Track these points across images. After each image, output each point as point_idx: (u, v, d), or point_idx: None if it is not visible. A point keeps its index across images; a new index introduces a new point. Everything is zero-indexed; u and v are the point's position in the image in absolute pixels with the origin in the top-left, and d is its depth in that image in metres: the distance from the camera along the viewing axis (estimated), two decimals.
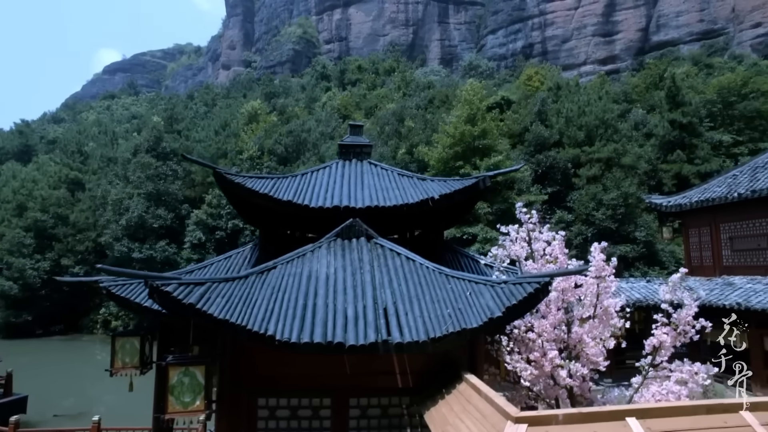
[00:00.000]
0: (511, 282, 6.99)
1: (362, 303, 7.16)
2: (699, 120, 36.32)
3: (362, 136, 12.86)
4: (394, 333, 6.49)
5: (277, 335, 6.26)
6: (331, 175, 11.31)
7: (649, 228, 32.85)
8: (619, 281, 21.55)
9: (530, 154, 38.19)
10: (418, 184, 10.63)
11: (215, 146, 47.08)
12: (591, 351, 6.72)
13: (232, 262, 11.25)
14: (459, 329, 6.40)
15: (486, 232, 29.94)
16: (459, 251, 11.80)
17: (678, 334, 6.69)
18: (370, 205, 9.56)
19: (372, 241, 9.05)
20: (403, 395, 7.32)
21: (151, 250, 38.62)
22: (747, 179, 19.46)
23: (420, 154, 35.42)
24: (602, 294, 7.10)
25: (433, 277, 7.84)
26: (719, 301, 18.02)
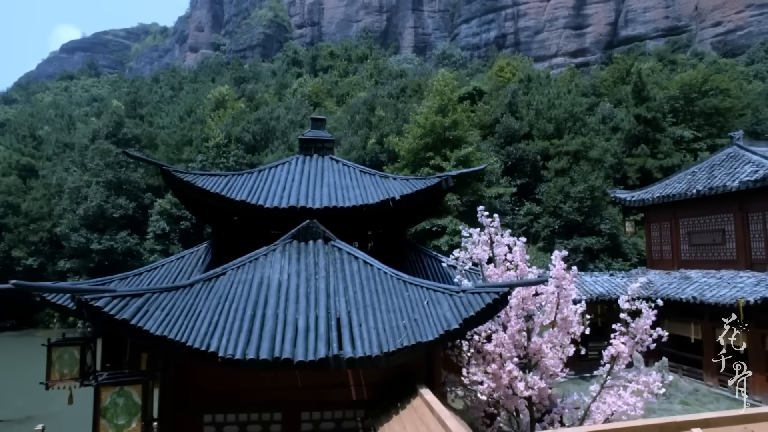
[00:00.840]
0: (469, 291, 6.76)
1: (315, 313, 6.80)
2: (662, 115, 37.19)
3: (324, 130, 12.37)
4: (346, 347, 6.17)
5: (220, 351, 5.84)
6: (290, 171, 10.82)
7: (613, 220, 33.58)
8: (583, 275, 22.04)
9: (500, 146, 38.34)
10: (380, 183, 10.27)
11: (180, 133, 45.30)
12: (550, 362, 6.58)
13: (185, 264, 10.66)
14: (414, 342, 6.13)
15: (455, 224, 29.88)
16: (422, 251, 11.56)
17: (636, 343, 6.62)
18: (329, 205, 9.16)
19: (329, 243, 8.67)
20: (357, 408, 7.04)
21: (112, 241, 37.05)
22: (705, 176, 19.96)
23: (390, 144, 35.00)
24: (562, 302, 6.96)
25: (391, 284, 7.54)
26: (677, 295, 18.52)
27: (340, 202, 9.35)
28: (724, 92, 38.56)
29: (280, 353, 5.96)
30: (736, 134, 20.56)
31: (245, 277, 7.55)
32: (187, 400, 6.68)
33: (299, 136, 12.17)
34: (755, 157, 18.23)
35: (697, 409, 15.66)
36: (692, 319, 18.36)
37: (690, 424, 4.89)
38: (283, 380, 6.70)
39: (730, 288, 16.99)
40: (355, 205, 9.16)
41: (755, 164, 17.75)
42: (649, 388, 6.41)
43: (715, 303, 16.64)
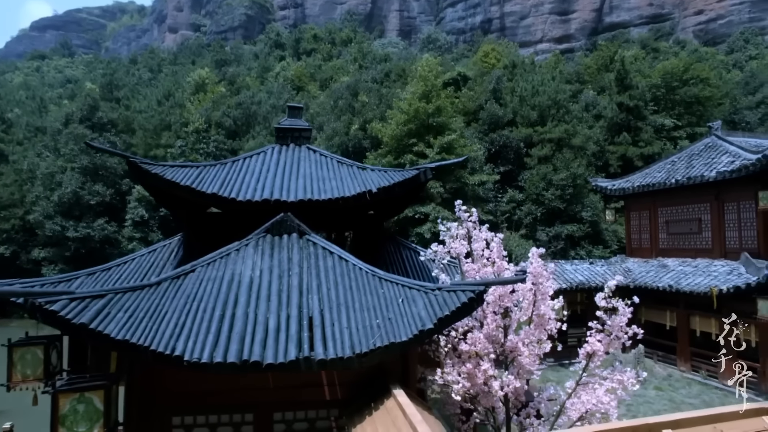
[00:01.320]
0: (445, 289, 6.63)
1: (286, 312, 6.60)
2: (644, 103, 37.42)
3: (302, 118, 12.02)
4: (318, 348, 6.00)
5: (186, 355, 5.62)
6: (265, 162, 10.50)
7: (594, 208, 33.90)
8: (564, 263, 22.22)
9: (484, 133, 38.20)
10: (358, 175, 10.03)
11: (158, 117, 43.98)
12: (525, 360, 6.52)
13: (157, 257, 10.34)
14: (387, 343, 5.99)
15: (438, 212, 29.81)
16: (401, 243, 11.41)
17: (611, 341, 6.59)
18: (304, 198, 8.90)
19: (304, 237, 8.44)
20: (331, 407, 6.92)
21: (89, 229, 36.08)
22: (684, 166, 20.16)
23: (373, 130, 34.56)
24: (539, 299, 6.89)
25: (366, 281, 7.37)
26: (654, 283, 18.82)
27: (316, 194, 9.10)
28: (704, 81, 38.94)
29: (249, 356, 5.77)
30: (715, 124, 20.74)
31: (215, 274, 7.29)
32: (155, 402, 6.46)
33: (275, 125, 11.80)
34: (732, 148, 18.43)
35: (670, 394, 16.03)
36: (668, 307, 18.71)
37: (660, 426, 4.86)
38: (254, 381, 6.51)
39: (704, 277, 17.30)
40: (331, 198, 8.93)
41: (732, 155, 17.94)
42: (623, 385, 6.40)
43: (690, 291, 16.94)
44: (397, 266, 10.61)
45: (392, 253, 11.02)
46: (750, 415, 5.31)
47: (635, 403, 15.18)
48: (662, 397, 15.72)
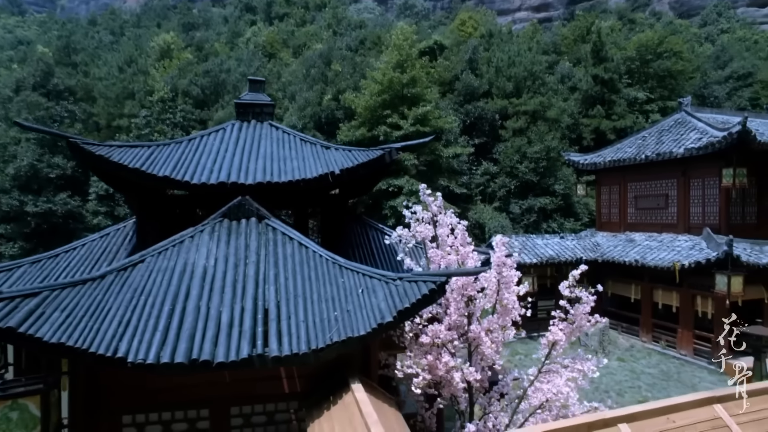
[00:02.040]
0: (406, 279, 6.42)
1: (241, 305, 6.30)
2: (619, 76, 37.43)
3: (263, 92, 11.38)
4: (272, 344, 5.76)
5: (129, 356, 5.29)
6: (223, 140, 9.94)
7: (567, 181, 34.20)
8: (535, 238, 22.44)
9: (459, 104, 37.68)
10: (321, 154, 9.60)
11: (120, 85, 41.61)
12: (487, 351, 6.44)
13: (110, 243, 9.80)
14: (344, 338, 5.78)
15: (412, 185, 29.55)
16: (368, 223, 11.12)
17: (574, 329, 6.56)
18: (263, 180, 8.46)
19: (263, 222, 8.08)
20: (290, 400, 6.75)
21: (50, 203, 34.43)
22: (654, 141, 20.31)
23: (347, 101, 33.63)
24: (503, 288, 6.77)
25: (325, 269, 7.10)
26: (621, 258, 19.22)
27: (276, 176, 8.67)
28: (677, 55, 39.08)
29: (199, 354, 5.48)
30: (685, 100, 20.84)
31: (166, 264, 6.89)
32: (102, 401, 6.15)
33: (235, 100, 11.16)
34: (700, 124, 18.59)
35: (631, 365, 16.61)
36: (633, 281, 19.19)
37: (616, 420, 4.87)
38: (210, 376, 6.23)
39: (669, 251, 17.71)
40: (292, 180, 8.51)
41: (700, 131, 18.11)
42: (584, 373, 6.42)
43: (654, 266, 17.36)
44: (363, 248, 10.37)
45: (358, 234, 10.75)
46: (701, 404, 5.38)
47: (599, 375, 15.68)
48: (624, 368, 16.28)
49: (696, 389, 14.41)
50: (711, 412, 5.28)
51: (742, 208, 17.85)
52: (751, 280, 15.38)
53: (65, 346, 5.10)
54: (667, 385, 14.74)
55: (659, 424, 4.96)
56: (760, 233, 17.63)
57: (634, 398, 13.84)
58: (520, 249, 20.82)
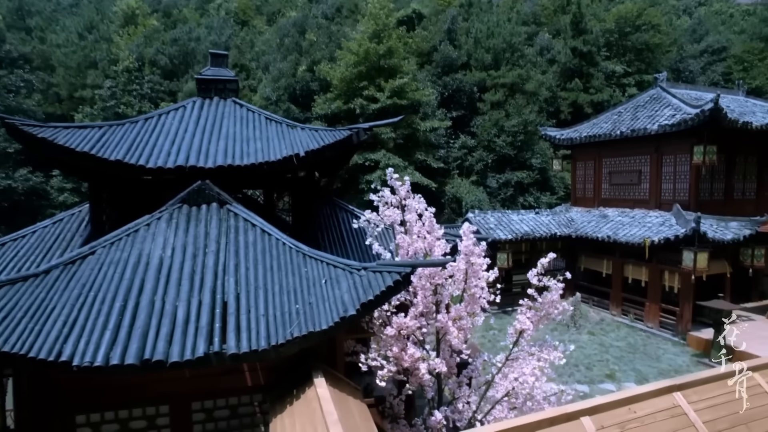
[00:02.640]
0: (371, 269, 6.22)
1: (198, 298, 6.02)
2: (597, 49, 37.18)
3: (227, 67, 10.76)
4: (230, 340, 5.53)
5: (75, 359, 4.99)
6: (183, 119, 9.39)
7: (544, 155, 34.30)
8: (510, 214, 22.50)
9: (437, 76, 36.99)
10: (287, 134, 9.17)
11: (81, 53, 39.23)
12: (454, 341, 6.36)
13: (63, 229, 9.28)
14: (305, 333, 5.59)
15: (389, 159, 29.20)
16: (338, 204, 10.81)
17: (542, 317, 6.51)
18: (223, 164, 8.03)
19: (225, 207, 7.71)
20: (254, 393, 6.59)
21: (10, 180, 32.83)
22: (629, 117, 20.31)
23: (322, 72, 32.60)
24: (471, 276, 6.64)
25: (288, 258, 6.84)
26: (594, 234, 19.45)
27: (238, 159, 8.24)
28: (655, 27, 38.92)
29: (152, 354, 5.22)
30: (660, 76, 20.80)
31: (119, 256, 6.52)
32: (53, 402, 5.87)
33: (195, 76, 10.53)
34: (674, 101, 18.61)
35: (600, 338, 17.04)
36: (605, 256, 19.52)
37: (578, 414, 4.85)
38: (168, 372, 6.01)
39: (640, 227, 17.98)
40: (254, 163, 8.11)
41: (674, 108, 18.14)
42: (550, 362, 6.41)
43: (625, 242, 17.63)
44: (332, 231, 10.11)
45: (328, 216, 10.47)
46: (661, 393, 5.41)
47: None
48: (594, 341, 16.69)
49: (660, 361, 14.92)
50: (671, 400, 5.32)
51: (711, 185, 18.16)
52: (716, 255, 15.78)
53: (1, 352, 4.76)
54: (633, 357, 15.19)
55: (621, 415, 4.97)
56: (726, 209, 18.02)
57: (602, 371, 14.24)
58: (496, 225, 20.91)
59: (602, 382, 13.53)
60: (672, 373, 14.00)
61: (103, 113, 33.47)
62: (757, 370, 6.07)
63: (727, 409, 5.50)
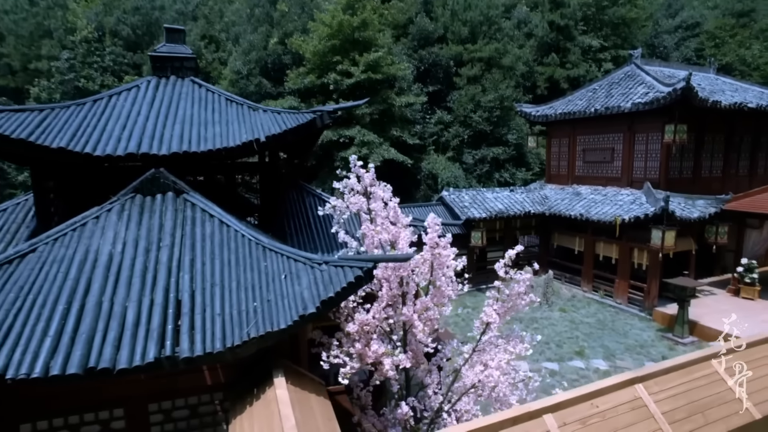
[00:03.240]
0: (332, 264, 5.98)
1: (150, 298, 5.69)
2: (574, 23, 36.82)
3: (184, 44, 10.09)
4: (184, 343, 5.25)
5: (9, 371, 4.64)
6: (136, 101, 8.80)
7: (520, 131, 34.24)
8: (485, 192, 22.47)
9: (413, 50, 36.17)
10: (247, 117, 8.70)
11: (33, 21, 36.80)
12: (419, 336, 6.23)
13: (8, 220, 8.70)
14: (263, 333, 5.36)
15: (364, 135, 28.66)
16: (305, 188, 10.45)
17: (509, 309, 6.42)
18: (178, 150, 7.56)
19: (182, 197, 7.30)
20: (215, 391, 6.37)
21: None
22: (604, 95, 20.26)
23: (294, 45, 31.42)
24: (437, 269, 6.48)
25: (247, 252, 6.53)
26: (567, 211, 19.61)
27: (194, 145, 7.78)
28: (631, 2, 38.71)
29: (97, 361, 4.90)
30: (635, 53, 20.69)
31: (63, 253, 6.10)
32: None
33: (149, 52, 9.85)
34: (648, 78, 18.58)
35: (571, 314, 17.39)
36: (578, 233, 19.76)
37: (541, 412, 4.80)
38: None
39: (612, 205, 18.18)
40: (212, 150, 7.67)
41: (647, 86, 18.12)
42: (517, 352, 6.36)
43: (597, 220, 17.84)
44: (298, 217, 9.79)
45: (294, 202, 10.12)
46: (624, 386, 5.42)
47: (541, 326, 16.36)
48: (565, 318, 17.03)
49: (627, 337, 15.33)
50: (632, 392, 5.33)
51: (680, 163, 18.39)
52: (683, 233, 16.11)
53: None
54: (602, 334, 15.56)
55: (583, 410, 4.95)
56: (694, 187, 18.35)
57: (571, 348, 14.54)
58: (470, 203, 20.87)
59: (571, 360, 13.82)
60: (638, 349, 14.43)
61: (62, 87, 31.70)
62: (715, 357, 6.15)
63: (686, 398, 5.57)
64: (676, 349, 14.27)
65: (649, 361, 13.58)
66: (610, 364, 13.48)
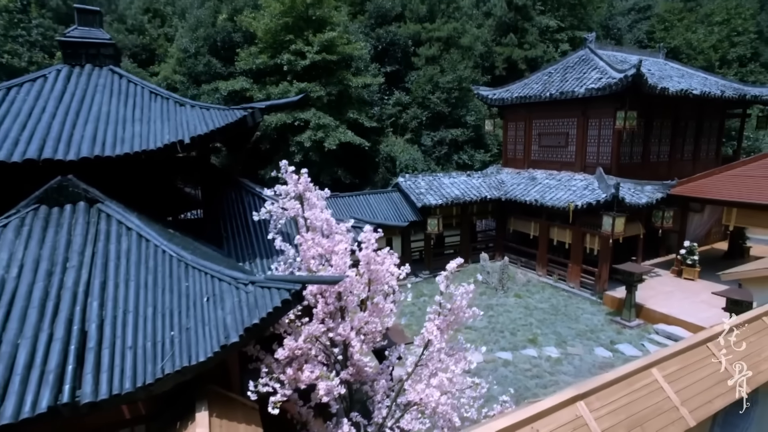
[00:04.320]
0: (258, 284, 5.47)
1: (49, 332, 5.02)
2: (532, 3, 36.66)
3: (100, 28, 9.03)
4: (87, 385, 4.66)
5: None
6: (41, 94, 7.80)
7: (478, 112, 34.13)
8: (442, 177, 22.24)
9: (371, 28, 35.12)
10: (173, 114, 7.90)
11: None
12: (356, 356, 5.86)
13: None
14: (179, 368, 4.83)
15: (319, 118, 27.71)
16: (244, 187, 9.75)
17: (451, 323, 6.13)
18: (89, 155, 6.74)
19: (95, 207, 6.54)
20: (136, 424, 5.81)
21: None
22: (559, 79, 20.19)
23: (243, 22, 29.72)
24: (375, 282, 6.08)
25: (167, 271, 5.92)
26: (523, 197, 19.65)
27: (109, 147, 6.96)
28: None
29: None
30: (589, 36, 20.65)
31: None
32: None
33: (58, 37, 8.75)
34: (601, 63, 18.60)
35: (526, 300, 17.60)
36: (533, 218, 19.90)
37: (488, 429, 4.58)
38: None
39: (565, 191, 18.32)
40: (129, 153, 6.89)
41: (600, 71, 18.14)
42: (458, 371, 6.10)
43: (551, 206, 17.95)
44: (237, 219, 9.14)
45: (233, 202, 9.44)
46: (564, 405, 5.21)
47: (496, 313, 16.46)
48: (519, 305, 17.20)
49: (578, 322, 15.64)
50: (573, 411, 5.17)
51: (631, 148, 18.69)
52: (632, 218, 16.44)
53: None
54: (555, 320, 15.82)
55: None
56: (643, 171, 18.73)
57: (525, 336, 14.70)
58: (427, 190, 20.60)
59: (525, 348, 13.96)
60: (588, 334, 14.74)
61: None
62: (655, 365, 6.11)
63: (626, 411, 5.48)
64: (623, 333, 14.67)
65: (599, 347, 13.92)
66: (561, 351, 13.71)
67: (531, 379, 12.27)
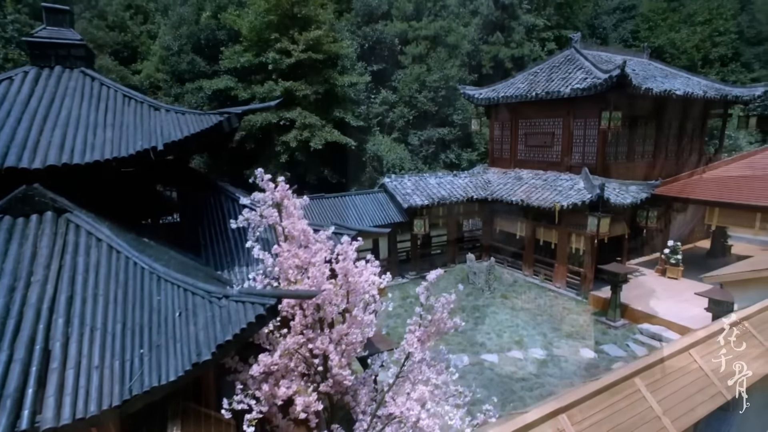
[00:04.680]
0: (233, 298, 5.28)
1: (8, 353, 4.78)
2: (519, 1, 36.68)
3: (70, 28, 8.71)
4: (48, 410, 4.43)
5: None
6: (6, 98, 7.48)
7: (465, 111, 34.12)
8: (428, 177, 22.13)
9: (357, 26, 34.85)
10: (147, 118, 7.64)
11: None
12: (335, 371, 5.70)
13: None
14: (147, 389, 4.63)
15: (305, 118, 27.42)
16: (223, 191, 9.49)
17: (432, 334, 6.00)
18: (56, 163, 6.47)
19: (64, 217, 6.28)
20: None
21: None
22: (544, 79, 20.18)
23: (227, 20, 29.26)
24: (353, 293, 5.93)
25: (138, 284, 5.69)
26: (509, 197, 19.63)
27: (78, 155, 6.69)
28: None
29: None
30: (575, 36, 20.66)
31: None
32: None
33: (25, 37, 8.43)
34: (586, 63, 18.61)
35: (512, 301, 17.59)
36: (519, 218, 19.89)
37: None
38: None
39: (551, 191, 18.32)
40: (99, 161, 6.63)
41: (585, 71, 18.15)
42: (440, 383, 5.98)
43: (537, 206, 17.94)
44: (215, 225, 8.90)
45: (212, 208, 9.19)
46: (547, 418, 5.11)
47: (482, 315, 16.43)
48: (506, 305, 17.19)
49: (564, 322, 15.67)
50: (555, 425, 5.09)
51: (616, 148, 18.76)
52: (616, 218, 16.51)
53: None
54: (541, 320, 15.83)
55: None
56: (628, 171, 18.82)
57: (511, 338, 14.68)
58: (413, 190, 20.48)
59: (510, 350, 13.94)
60: (574, 335, 14.77)
61: None
62: (638, 374, 6.06)
63: (608, 423, 5.41)
64: (608, 333, 14.72)
65: (584, 348, 13.95)
66: (547, 353, 13.71)
67: (517, 382, 12.23)
